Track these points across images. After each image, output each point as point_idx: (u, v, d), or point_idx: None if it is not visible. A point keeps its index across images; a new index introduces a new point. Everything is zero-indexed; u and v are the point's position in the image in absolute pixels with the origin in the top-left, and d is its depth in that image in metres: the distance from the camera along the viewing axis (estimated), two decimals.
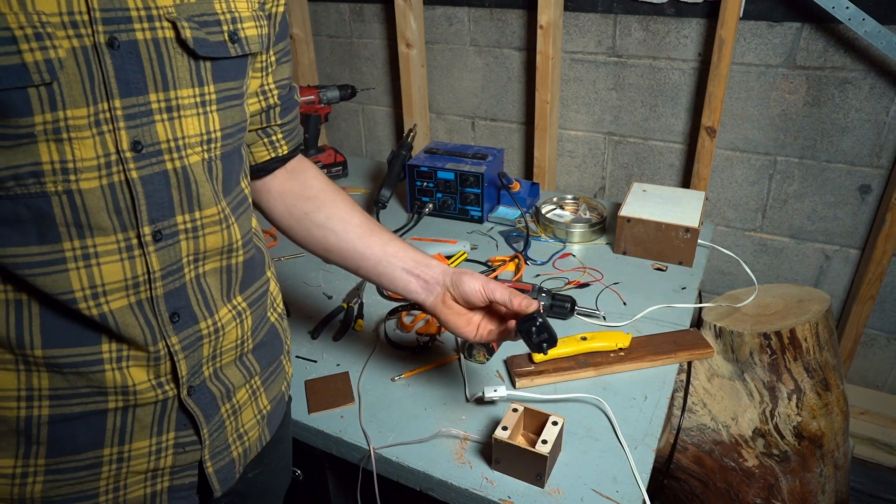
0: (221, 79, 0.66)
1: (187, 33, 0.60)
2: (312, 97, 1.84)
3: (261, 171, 0.87)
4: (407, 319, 1.25)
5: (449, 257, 1.43)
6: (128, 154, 0.58)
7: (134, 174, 0.59)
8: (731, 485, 1.27)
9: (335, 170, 1.93)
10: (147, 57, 0.58)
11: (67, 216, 0.56)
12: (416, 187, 1.65)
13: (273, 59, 0.77)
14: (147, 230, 0.61)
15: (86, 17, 0.53)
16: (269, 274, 0.84)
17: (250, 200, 0.78)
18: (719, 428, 1.26)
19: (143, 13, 0.57)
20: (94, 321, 0.60)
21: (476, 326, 0.89)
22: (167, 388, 0.67)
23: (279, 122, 0.83)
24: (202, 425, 0.71)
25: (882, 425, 1.67)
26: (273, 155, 0.86)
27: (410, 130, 1.78)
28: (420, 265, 0.88)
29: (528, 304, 0.83)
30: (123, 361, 0.63)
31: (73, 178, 0.55)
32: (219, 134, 0.67)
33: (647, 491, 0.89)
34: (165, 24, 0.59)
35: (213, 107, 0.65)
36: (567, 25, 1.69)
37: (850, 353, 1.67)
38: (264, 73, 0.77)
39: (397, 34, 1.86)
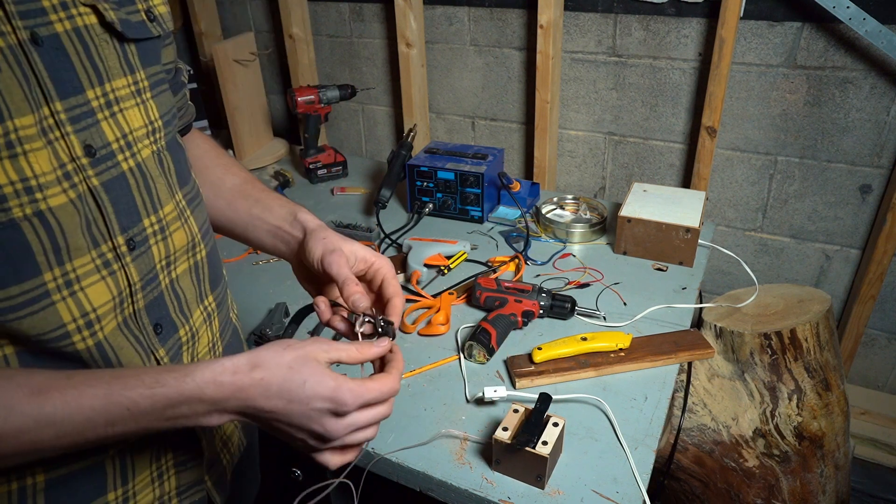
0: (148, 62, 0.62)
1: (111, 15, 0.56)
2: (312, 97, 1.84)
3: None
4: (408, 320, 1.25)
5: (449, 257, 1.43)
6: (83, 160, 0.53)
7: (95, 181, 0.54)
8: (731, 485, 1.27)
9: (335, 170, 1.93)
10: (73, 50, 0.53)
11: (45, 242, 0.51)
12: (416, 187, 1.65)
13: None
14: (121, 240, 0.57)
15: (0, 13, 0.47)
16: (224, 273, 0.80)
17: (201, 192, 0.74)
18: (720, 428, 1.26)
19: (55, 1, 0.51)
20: (85, 356, 0.55)
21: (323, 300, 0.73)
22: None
23: None
24: (201, 436, 0.69)
25: (883, 425, 1.67)
26: None
27: (410, 130, 1.78)
28: (283, 228, 0.76)
29: (356, 302, 0.65)
30: None
31: (39, 196, 0.50)
32: (160, 122, 0.63)
33: (648, 491, 0.89)
34: (83, 9, 0.54)
35: (148, 94, 0.61)
36: (567, 25, 1.69)
37: (851, 354, 1.67)
38: None
39: (397, 34, 1.85)
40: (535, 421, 0.89)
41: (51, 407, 0.48)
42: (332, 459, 0.59)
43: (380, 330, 0.65)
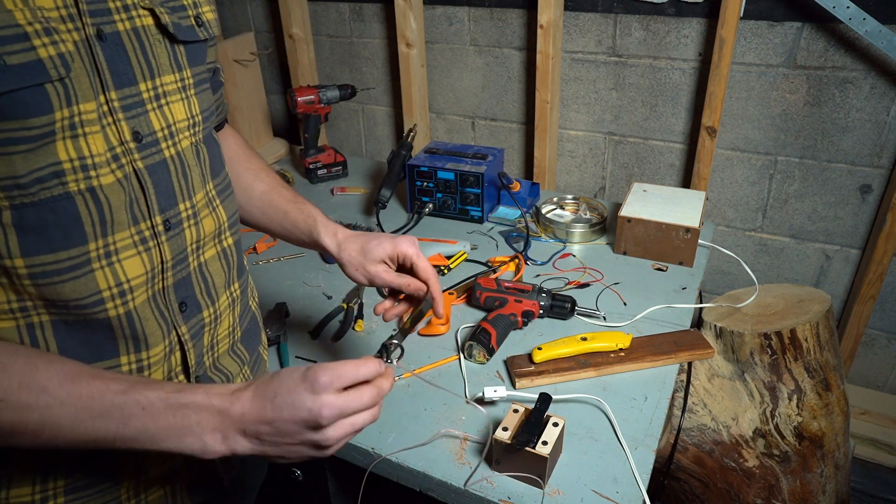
0: (194, 63, 0.67)
1: (166, 18, 0.62)
2: (312, 97, 1.84)
3: None
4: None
5: (449, 257, 1.43)
6: (131, 145, 0.59)
7: (140, 164, 0.60)
8: (731, 485, 1.27)
9: (335, 170, 1.93)
10: (130, 47, 0.59)
11: (93, 215, 0.56)
12: (416, 187, 1.65)
13: None
14: (159, 220, 0.62)
15: (74, 11, 0.53)
16: (245, 262, 0.85)
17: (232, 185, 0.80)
18: (720, 428, 1.26)
19: (118, 3, 0.58)
20: (115, 324, 0.60)
21: (372, 274, 0.88)
22: (177, 381, 0.68)
23: None
24: None
25: (882, 425, 1.67)
26: None
27: (410, 130, 1.78)
28: (309, 244, 0.91)
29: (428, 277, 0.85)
30: (144, 372, 0.63)
31: (93, 174, 0.56)
32: (200, 117, 0.68)
33: (648, 491, 0.89)
34: (142, 12, 0.60)
35: (192, 91, 0.67)
36: (567, 25, 1.69)
37: (851, 354, 1.67)
38: None
39: (397, 34, 1.85)
40: (535, 421, 0.89)
41: (77, 392, 0.53)
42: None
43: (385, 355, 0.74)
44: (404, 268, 0.88)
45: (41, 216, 0.54)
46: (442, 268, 1.40)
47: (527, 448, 0.86)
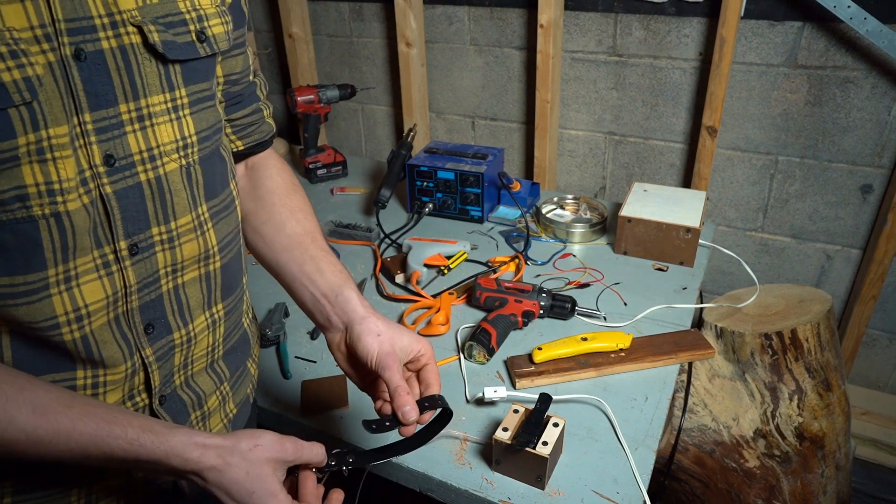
0: (192, 81, 0.64)
1: (155, 37, 0.58)
2: (312, 96, 1.84)
3: None
4: (408, 320, 1.24)
5: (449, 257, 1.43)
6: (101, 169, 0.56)
7: (108, 189, 0.57)
8: (732, 485, 1.27)
9: (335, 169, 1.93)
10: (115, 67, 0.56)
11: (55, 240, 0.54)
12: (416, 187, 1.65)
13: None
14: (123, 245, 0.60)
15: (50, 30, 0.51)
16: (244, 279, 0.81)
17: (237, 203, 0.75)
18: (720, 428, 1.25)
19: (105, 20, 0.54)
20: (70, 347, 0.58)
21: (365, 382, 0.75)
22: (138, 399, 0.66)
23: (225, 117, 0.76)
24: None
25: (883, 426, 1.66)
26: None
27: (410, 130, 1.77)
28: (323, 303, 0.74)
29: (407, 414, 0.67)
30: (100, 388, 0.62)
31: (59, 199, 0.53)
32: (195, 139, 0.65)
33: (648, 492, 0.88)
34: (131, 29, 0.56)
35: (186, 111, 0.63)
36: (567, 24, 1.69)
37: (852, 354, 1.67)
38: None
39: (397, 33, 1.85)
40: (535, 421, 0.89)
41: (44, 430, 0.53)
42: None
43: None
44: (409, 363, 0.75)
45: (1, 238, 0.52)
46: (442, 268, 1.40)
47: (527, 448, 0.85)
